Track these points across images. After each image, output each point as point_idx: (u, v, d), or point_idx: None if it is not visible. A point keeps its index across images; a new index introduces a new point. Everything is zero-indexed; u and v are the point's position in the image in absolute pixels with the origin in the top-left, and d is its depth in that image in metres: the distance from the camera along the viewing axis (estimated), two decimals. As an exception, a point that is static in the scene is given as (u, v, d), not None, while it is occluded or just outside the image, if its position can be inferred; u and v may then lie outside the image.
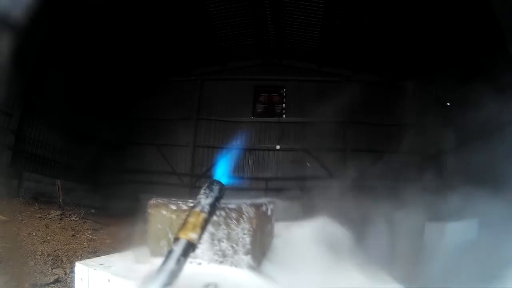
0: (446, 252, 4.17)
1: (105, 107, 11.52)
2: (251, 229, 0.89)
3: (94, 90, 10.71)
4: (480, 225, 4.43)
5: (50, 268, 2.47)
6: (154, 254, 0.92)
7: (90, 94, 10.59)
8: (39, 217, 4.93)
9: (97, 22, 9.40)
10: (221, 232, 0.90)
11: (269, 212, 1.18)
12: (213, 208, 0.81)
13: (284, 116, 12.40)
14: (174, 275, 0.67)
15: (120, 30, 10.06)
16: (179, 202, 0.95)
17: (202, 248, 0.89)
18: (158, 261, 0.70)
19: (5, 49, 5.96)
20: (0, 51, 5.96)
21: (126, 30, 10.15)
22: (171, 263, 0.68)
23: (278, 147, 11.97)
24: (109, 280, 0.81)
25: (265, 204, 1.11)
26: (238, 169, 11.29)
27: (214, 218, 0.88)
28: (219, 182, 0.86)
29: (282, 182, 11.43)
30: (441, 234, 4.52)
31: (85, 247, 3.63)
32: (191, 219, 0.76)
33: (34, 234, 3.67)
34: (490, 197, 3.79)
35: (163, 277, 0.66)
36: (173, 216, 0.93)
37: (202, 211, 0.77)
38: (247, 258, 0.88)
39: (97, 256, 1.01)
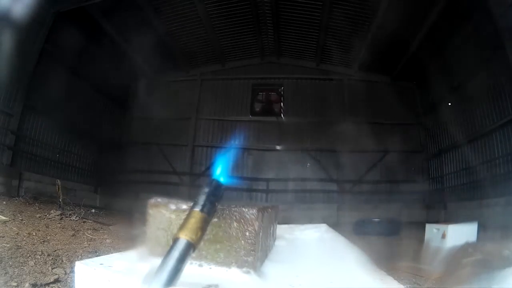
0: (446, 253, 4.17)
1: (105, 107, 11.53)
2: (253, 230, 0.88)
3: (94, 90, 10.71)
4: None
5: (50, 268, 2.46)
6: (153, 254, 0.92)
7: (90, 94, 10.59)
8: (39, 217, 4.92)
9: (97, 22, 9.41)
10: (223, 233, 0.90)
11: (271, 215, 1.19)
12: (213, 208, 0.81)
13: (282, 115, 12.38)
14: (174, 275, 0.67)
15: (119, 29, 10.07)
16: (178, 201, 0.94)
17: (203, 249, 0.89)
18: (158, 261, 0.70)
19: (6, 49, 5.96)
20: (1, 51, 5.96)
21: (125, 30, 10.15)
22: (171, 263, 0.67)
23: (278, 147, 11.95)
24: (109, 280, 0.81)
25: (268, 207, 1.11)
26: (238, 169, 11.27)
27: (216, 219, 0.88)
28: (218, 182, 0.85)
29: (283, 183, 11.41)
30: (442, 236, 4.52)
31: (85, 247, 3.63)
32: (191, 219, 0.75)
33: (34, 234, 3.66)
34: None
35: (163, 277, 0.66)
36: (173, 216, 0.93)
37: (202, 211, 0.77)
38: (249, 260, 0.88)
39: (97, 256, 1.01)
